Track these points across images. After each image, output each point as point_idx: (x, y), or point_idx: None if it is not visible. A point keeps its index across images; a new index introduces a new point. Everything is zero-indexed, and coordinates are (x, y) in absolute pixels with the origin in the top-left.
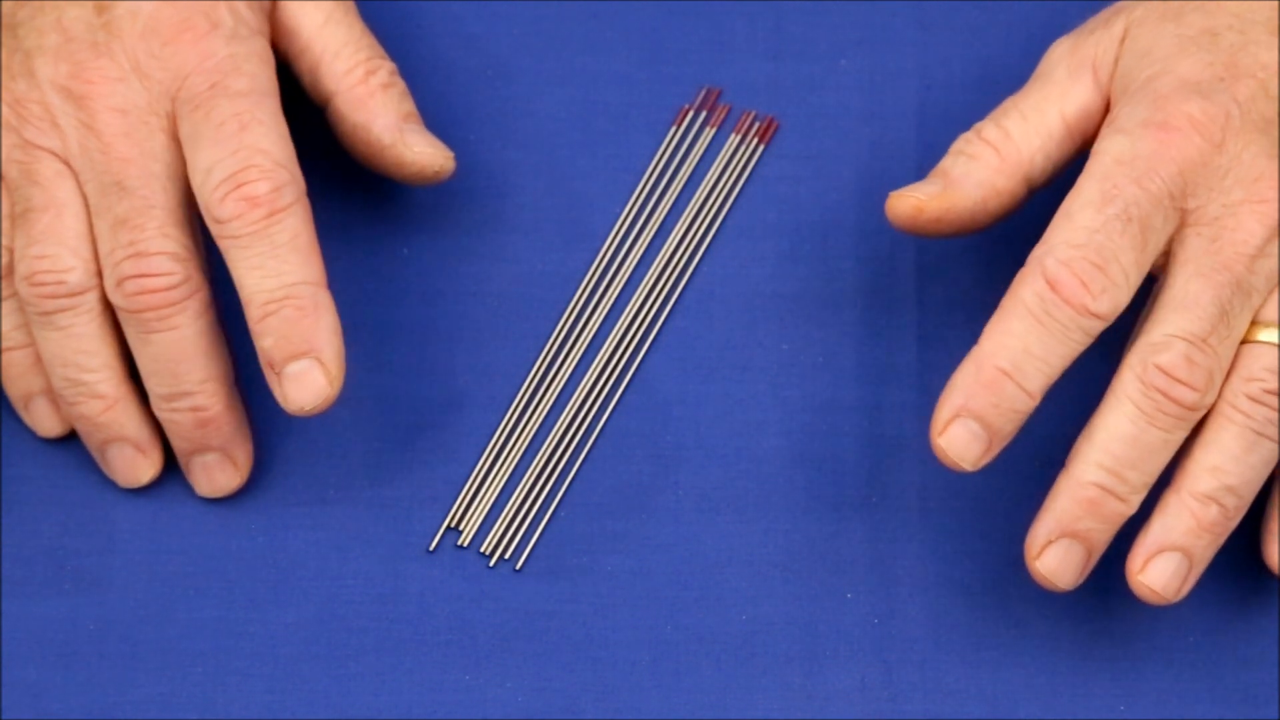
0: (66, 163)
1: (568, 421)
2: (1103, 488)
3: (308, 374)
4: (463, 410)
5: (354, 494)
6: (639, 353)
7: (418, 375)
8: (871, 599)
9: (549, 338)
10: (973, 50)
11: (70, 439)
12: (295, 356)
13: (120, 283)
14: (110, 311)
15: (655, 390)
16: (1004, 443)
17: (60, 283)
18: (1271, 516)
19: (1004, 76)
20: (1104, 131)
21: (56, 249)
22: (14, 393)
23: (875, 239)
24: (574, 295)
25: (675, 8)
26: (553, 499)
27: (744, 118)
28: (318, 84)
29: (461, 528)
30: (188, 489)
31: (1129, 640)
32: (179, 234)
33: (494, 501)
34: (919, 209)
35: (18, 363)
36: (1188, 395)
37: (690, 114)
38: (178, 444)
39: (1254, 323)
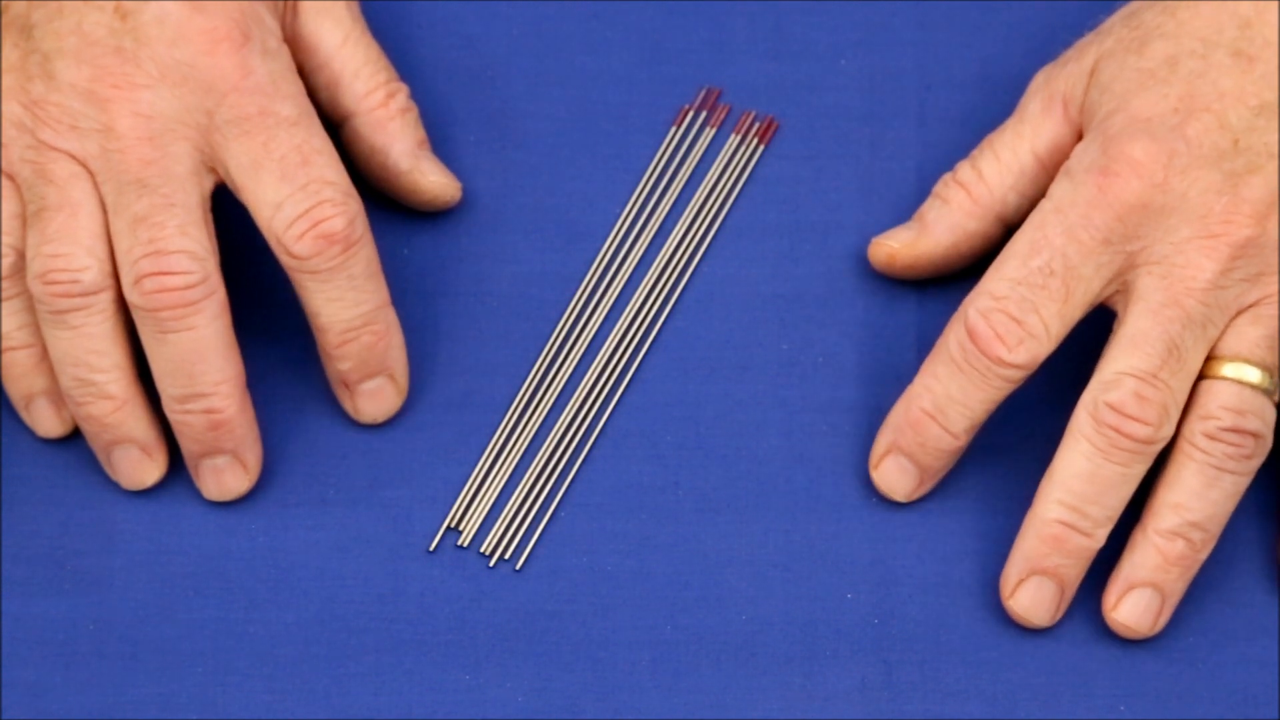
0: (83, 164)
1: (568, 421)
2: (1065, 524)
3: (382, 390)
4: (463, 410)
5: (354, 494)
6: (639, 353)
7: (418, 375)
8: (871, 599)
9: (549, 338)
10: (973, 50)
11: (70, 439)
12: (371, 376)
13: (138, 280)
14: (122, 312)
15: (655, 390)
16: (936, 477)
17: (74, 281)
18: None
19: (1004, 76)
20: (1059, 172)
21: (71, 248)
22: (15, 393)
23: None
24: (574, 295)
25: (675, 8)
26: (553, 499)
27: (744, 118)
28: (335, 102)
29: (461, 528)
30: (188, 489)
31: (1129, 640)
32: (198, 233)
33: (494, 501)
34: (891, 257)
35: (20, 362)
36: (1140, 430)
37: (690, 114)
38: (188, 446)
39: (1214, 357)
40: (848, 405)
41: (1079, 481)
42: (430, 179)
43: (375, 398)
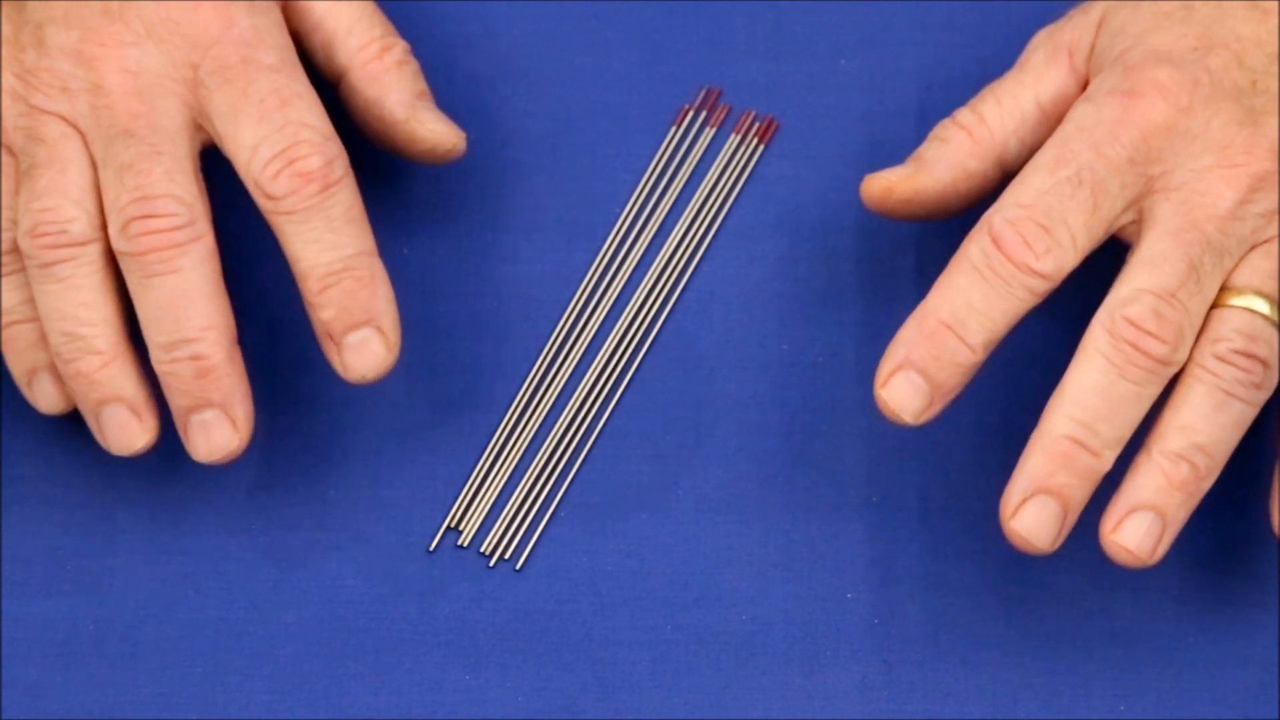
0: (74, 125)
1: (568, 421)
2: (1075, 440)
3: (368, 343)
4: (463, 410)
5: (354, 494)
6: (639, 353)
7: (418, 375)
8: (871, 599)
9: (549, 338)
10: (973, 50)
11: (71, 438)
12: (355, 326)
13: (125, 225)
14: (112, 270)
15: (655, 390)
16: (947, 398)
17: (62, 232)
18: (1275, 486)
19: None
20: (1077, 101)
21: (59, 200)
22: (18, 368)
23: (875, 239)
24: (574, 295)
25: (675, 8)
26: (553, 499)
27: (744, 118)
28: (331, 60)
29: (461, 528)
30: (188, 490)
31: (1129, 640)
32: (186, 180)
33: (494, 501)
34: (888, 190)
35: (24, 336)
36: (1156, 347)
37: (690, 114)
38: (176, 401)
39: (1226, 288)
40: (848, 405)
41: (1092, 397)
42: (428, 127)
43: (361, 351)
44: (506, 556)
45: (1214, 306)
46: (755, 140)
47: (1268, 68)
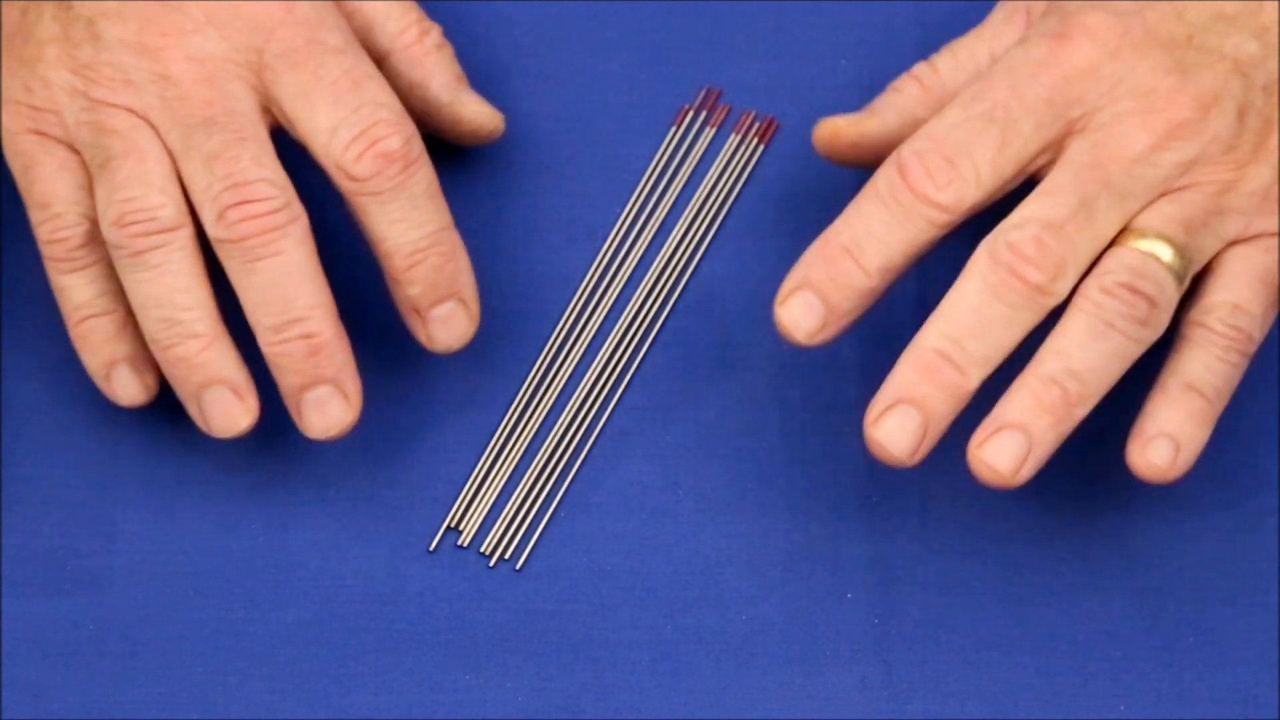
0: (144, 116)
1: (568, 421)
2: (942, 354)
3: (454, 315)
4: (463, 410)
5: (354, 494)
6: (639, 353)
7: (418, 375)
8: (871, 599)
9: (549, 338)
10: None
11: (71, 438)
12: (442, 300)
13: (222, 214)
14: (200, 253)
15: (655, 390)
16: (841, 321)
17: (152, 219)
18: (1141, 419)
19: None
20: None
21: (144, 190)
22: (95, 362)
23: None
24: (574, 295)
25: (675, 8)
26: (553, 499)
27: (744, 118)
28: (370, 44)
29: (461, 528)
30: (187, 489)
31: (1129, 640)
32: (272, 163)
33: (494, 501)
34: (835, 133)
35: (101, 329)
36: (1033, 274)
37: (690, 114)
38: (288, 380)
39: (1128, 229)
40: (848, 405)
41: (964, 313)
42: (472, 109)
43: (448, 323)
44: (506, 556)
45: (1112, 245)
46: (755, 140)
47: (1209, 25)
